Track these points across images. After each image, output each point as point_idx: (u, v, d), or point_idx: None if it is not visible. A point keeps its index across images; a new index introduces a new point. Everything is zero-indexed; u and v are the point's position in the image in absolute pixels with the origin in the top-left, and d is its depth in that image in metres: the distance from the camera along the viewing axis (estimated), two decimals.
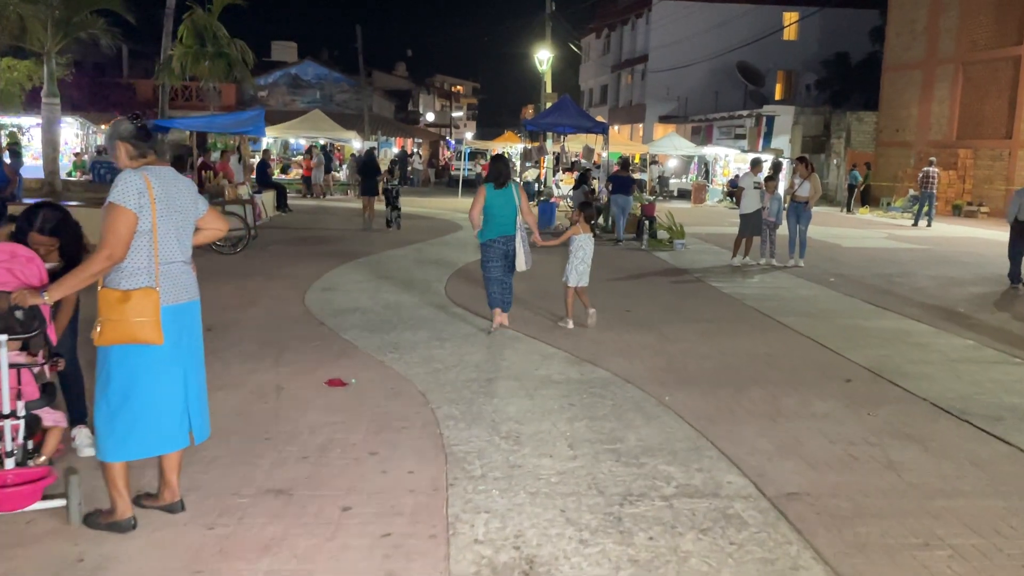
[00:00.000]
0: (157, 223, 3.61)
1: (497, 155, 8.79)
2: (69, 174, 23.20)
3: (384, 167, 19.01)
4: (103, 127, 27.50)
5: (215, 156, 14.92)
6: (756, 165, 13.74)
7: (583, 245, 8.34)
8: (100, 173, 20.32)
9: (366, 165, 17.52)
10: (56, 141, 16.30)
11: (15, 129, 22.74)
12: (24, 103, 22.32)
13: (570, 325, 8.26)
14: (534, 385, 6.15)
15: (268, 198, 18.70)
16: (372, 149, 19.86)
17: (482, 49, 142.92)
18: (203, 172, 14.82)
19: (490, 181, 7.74)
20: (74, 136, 28.69)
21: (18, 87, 19.89)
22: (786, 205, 13.86)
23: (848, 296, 10.74)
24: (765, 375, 6.73)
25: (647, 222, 16.25)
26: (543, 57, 27.36)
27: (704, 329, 8.46)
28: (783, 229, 13.66)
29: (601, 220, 18.33)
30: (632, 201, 16.88)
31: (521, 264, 7.78)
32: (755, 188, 13.42)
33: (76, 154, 27.47)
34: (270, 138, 32.77)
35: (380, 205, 17.33)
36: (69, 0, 15.31)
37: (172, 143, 12.45)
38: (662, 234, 16.00)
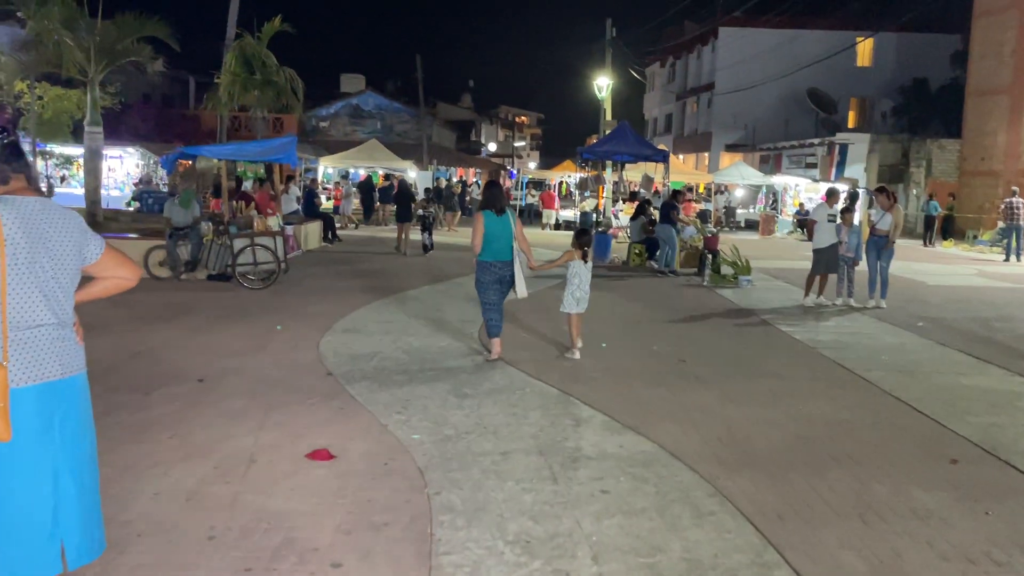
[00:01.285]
0: (6, 272, 2.67)
1: (491, 181, 8.49)
2: (128, 204, 23.14)
3: (418, 194, 18.60)
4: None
5: (246, 185, 14.35)
6: (832, 195, 12.41)
7: (578, 272, 8.10)
8: (148, 203, 20.07)
9: (400, 193, 17.86)
10: (98, 171, 15.95)
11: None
12: (73, 132, 22.37)
13: (576, 355, 8.04)
14: (561, 462, 5.05)
15: (314, 228, 18.08)
16: (405, 178, 19.69)
17: (548, 80, 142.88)
18: (239, 202, 14.22)
19: (487, 208, 7.73)
20: (135, 166, 28.83)
21: (67, 117, 19.79)
22: (865, 239, 12.51)
23: (941, 345, 9.35)
24: (848, 451, 5.49)
25: (709, 256, 15.00)
26: (602, 84, 26.39)
27: (772, 387, 7.22)
28: (862, 266, 12.29)
29: (660, 253, 17.15)
30: (674, 232, 15.68)
31: (521, 290, 7.77)
32: (829, 220, 12.11)
33: (136, 184, 27.54)
34: (331, 168, 32.60)
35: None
36: (111, 27, 14.99)
37: (201, 171, 11.82)
38: (726, 269, 14.72)
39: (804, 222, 25.51)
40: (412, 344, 8.37)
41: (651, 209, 20.25)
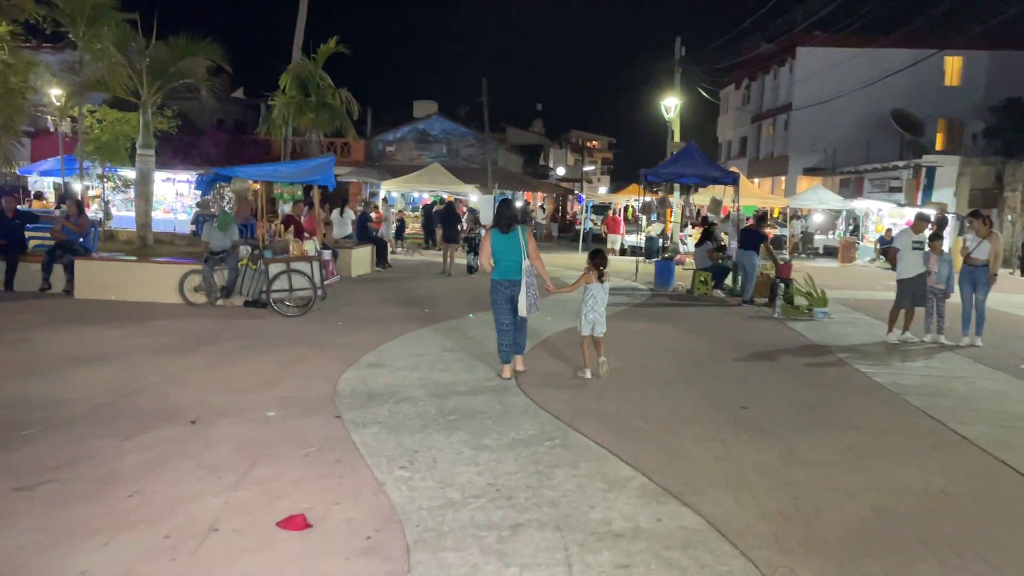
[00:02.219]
0: None
1: (504, 199, 8.24)
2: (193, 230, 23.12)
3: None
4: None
5: (285, 208, 13.92)
6: (921, 221, 11.17)
7: (595, 294, 7.92)
8: (201, 225, 19.90)
9: (447, 215, 18.02)
10: (149, 194, 15.76)
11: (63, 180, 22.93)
12: (133, 156, 22.51)
13: (587, 375, 7.94)
14: (581, 541, 4.14)
15: (365, 253, 17.57)
16: (452, 201, 20.21)
17: (621, 104, 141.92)
18: (289, 226, 13.74)
19: (494, 225, 7.70)
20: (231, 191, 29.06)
21: (126, 140, 19.84)
22: (957, 269, 11.23)
23: None
24: (945, 534, 4.43)
25: (782, 285, 13.82)
26: (670, 104, 25.38)
27: (849, 442, 6.16)
28: (954, 298, 11.01)
29: (729, 281, 16.04)
30: (756, 260, 14.53)
31: (522, 309, 7.60)
32: (915, 248, 10.89)
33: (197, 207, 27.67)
34: (396, 192, 32.35)
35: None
36: (163, 49, 14.82)
37: (236, 192, 11.36)
38: (799, 300, 13.53)
39: (887, 250, 23.94)
40: (439, 381, 7.57)
41: (721, 234, 19.15)
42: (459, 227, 16.84)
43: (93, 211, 25.98)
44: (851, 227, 30.59)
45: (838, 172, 37.51)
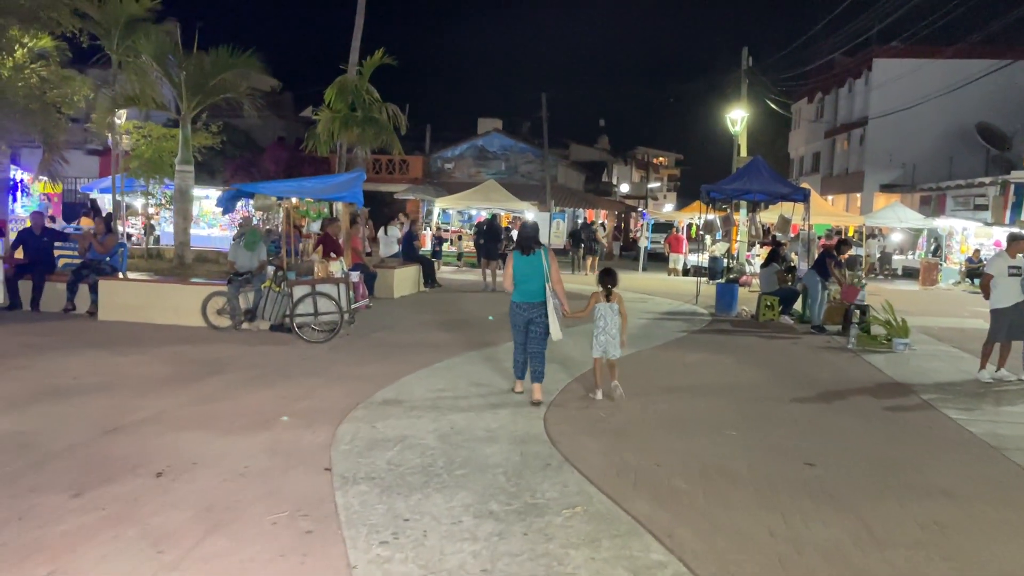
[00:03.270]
0: None
1: (524, 222, 8.16)
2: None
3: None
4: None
5: (314, 226, 13.31)
6: (1015, 242, 9.83)
7: (604, 315, 7.76)
8: None
9: (488, 231, 18.21)
10: (188, 210, 15.34)
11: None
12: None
13: (599, 396, 7.75)
14: None
15: (410, 273, 16.84)
16: (494, 216, 20.32)
17: (688, 120, 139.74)
18: (319, 245, 13.08)
19: (516, 247, 7.68)
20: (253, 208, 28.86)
21: (171, 156, 19.56)
22: None
23: None
24: None
25: (857, 312, 12.52)
26: (736, 117, 24.13)
27: (937, 514, 5.02)
28: None
29: (798, 306, 14.77)
30: (821, 283, 13.31)
31: (555, 332, 7.49)
32: (1012, 274, 9.56)
33: (239, 224, 27.46)
34: (452, 209, 31.80)
35: None
36: (202, 61, 14.41)
37: (259, 208, 10.73)
38: (876, 329, 12.22)
39: (976, 272, 22.17)
40: (455, 424, 6.66)
41: (791, 254, 17.86)
42: (500, 244, 16.89)
43: (133, 228, 26.06)
44: (933, 247, 28.69)
45: (918, 189, 35.49)
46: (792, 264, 17.56)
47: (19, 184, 18.78)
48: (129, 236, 26.77)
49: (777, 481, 5.58)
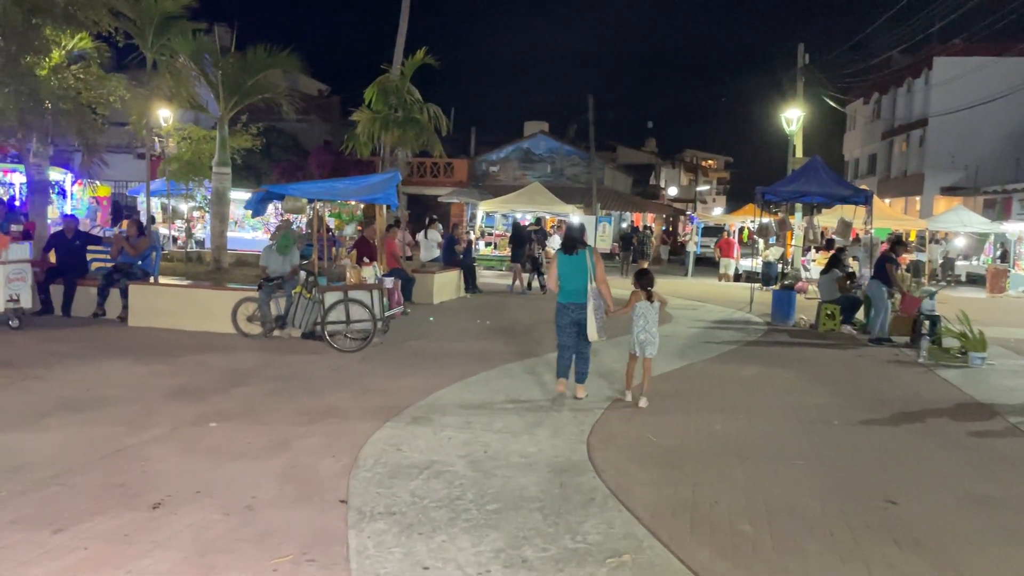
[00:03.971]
0: None
1: (568, 222, 8.46)
2: None
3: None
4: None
5: (348, 230, 12.85)
6: None
7: (644, 313, 7.60)
8: None
9: (514, 235, 18.74)
10: (225, 213, 15.00)
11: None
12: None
13: (628, 397, 7.73)
14: None
15: (451, 278, 16.30)
16: (518, 221, 21.12)
17: (738, 122, 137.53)
18: (354, 249, 12.60)
19: (561, 248, 7.70)
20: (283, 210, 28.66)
21: (210, 158, 19.33)
22: None
23: None
24: None
25: (926, 322, 11.62)
26: (792, 116, 23.13)
27: None
28: None
29: (860, 315, 13.86)
30: (886, 291, 12.44)
31: (592, 333, 7.44)
32: None
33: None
34: (498, 212, 31.24)
35: None
36: (239, 61, 14.06)
37: (289, 211, 10.27)
38: (949, 341, 11.30)
39: None
40: (490, 447, 6.04)
41: (849, 260, 16.92)
42: (526, 248, 17.93)
43: (179, 231, 25.97)
44: (999, 253, 27.26)
45: (981, 192, 33.95)
46: (851, 270, 16.61)
47: (56, 186, 18.66)
48: (174, 239, 26.79)
49: (855, 522, 4.85)
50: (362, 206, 12.12)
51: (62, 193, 19.26)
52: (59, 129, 13.03)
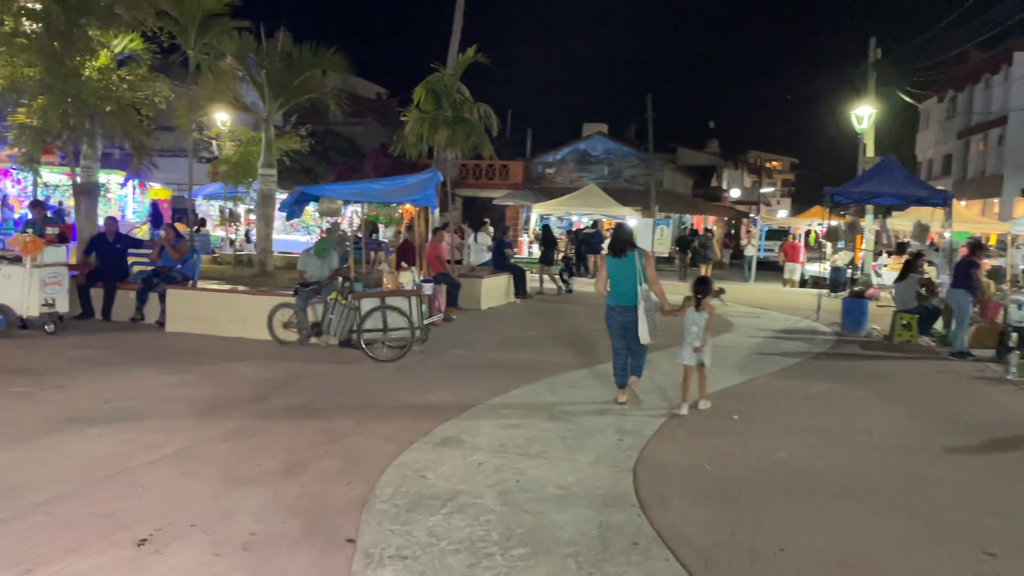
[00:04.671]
0: None
1: (618, 224, 8.17)
2: None
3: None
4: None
5: (387, 233, 12.39)
6: None
7: (695, 320, 7.38)
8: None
9: (544, 238, 18.69)
10: (270, 216, 14.71)
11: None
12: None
13: (684, 411, 7.29)
14: None
15: (500, 283, 15.73)
16: (548, 223, 21.03)
17: (804, 122, 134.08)
18: (404, 253, 12.15)
19: (609, 251, 7.61)
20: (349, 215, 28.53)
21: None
22: None
23: None
24: None
25: (1014, 334, 10.59)
26: (863, 114, 21.95)
27: None
28: None
29: (939, 325, 12.85)
30: (970, 299, 11.41)
31: (644, 336, 7.32)
32: None
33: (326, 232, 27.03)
34: (554, 215, 30.62)
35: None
36: (284, 60, 13.75)
37: (324, 213, 9.81)
38: None
39: None
40: (525, 475, 5.43)
41: (925, 265, 15.83)
42: (554, 251, 18.25)
43: (236, 233, 25.97)
44: None
45: None
46: (927, 276, 15.51)
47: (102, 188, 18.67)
48: (232, 242, 26.84)
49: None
50: (405, 208, 11.72)
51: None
52: (104, 131, 12.83)
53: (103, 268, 11.58)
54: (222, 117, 19.16)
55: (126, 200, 29.47)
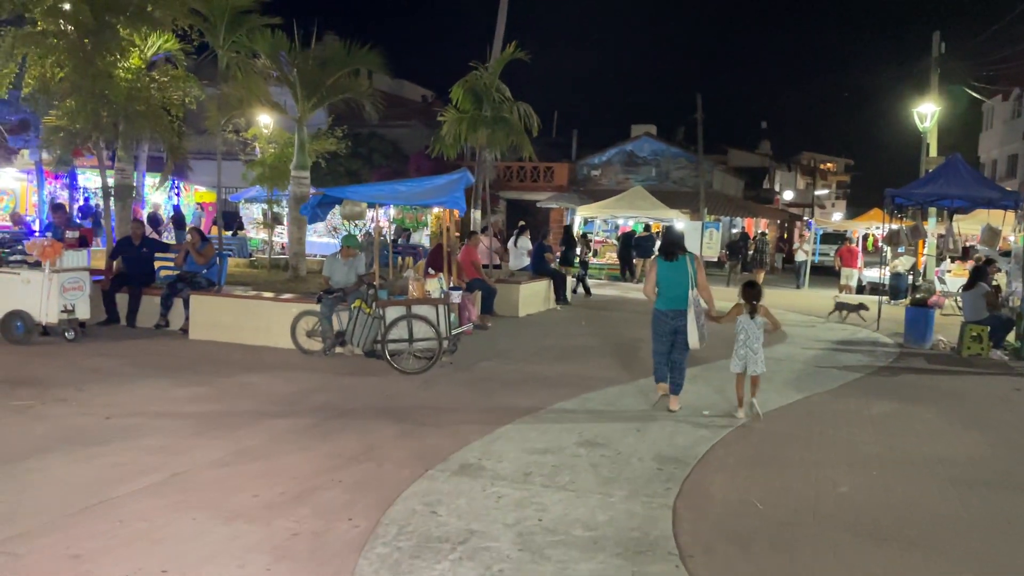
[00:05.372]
0: None
1: (669, 227, 8.13)
2: None
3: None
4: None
5: (418, 238, 11.84)
6: None
7: (745, 328, 7.22)
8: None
9: (566, 239, 18.06)
10: (303, 220, 14.29)
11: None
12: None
13: (740, 415, 7.18)
14: None
15: (539, 289, 15.12)
16: (570, 224, 20.88)
17: (860, 122, 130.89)
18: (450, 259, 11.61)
19: (660, 254, 7.47)
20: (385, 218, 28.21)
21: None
22: None
23: None
24: None
25: None
26: (925, 111, 20.80)
27: None
28: None
29: (1012, 338, 11.86)
30: None
31: (694, 342, 7.20)
32: None
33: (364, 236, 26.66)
34: (598, 218, 29.89)
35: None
36: (316, 58, 13.33)
37: (346, 216, 9.32)
38: None
39: None
40: (547, 513, 4.81)
41: (998, 272, 14.79)
42: (574, 252, 17.39)
43: (280, 236, 25.75)
44: None
45: None
46: (997, 284, 14.46)
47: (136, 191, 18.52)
48: (272, 245, 26.68)
49: None
50: (433, 211, 11.20)
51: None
52: (134, 132, 12.56)
53: (128, 273, 11.27)
54: (264, 120, 18.94)
55: (169, 202, 29.59)
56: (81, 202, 25.88)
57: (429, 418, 6.97)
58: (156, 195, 25.01)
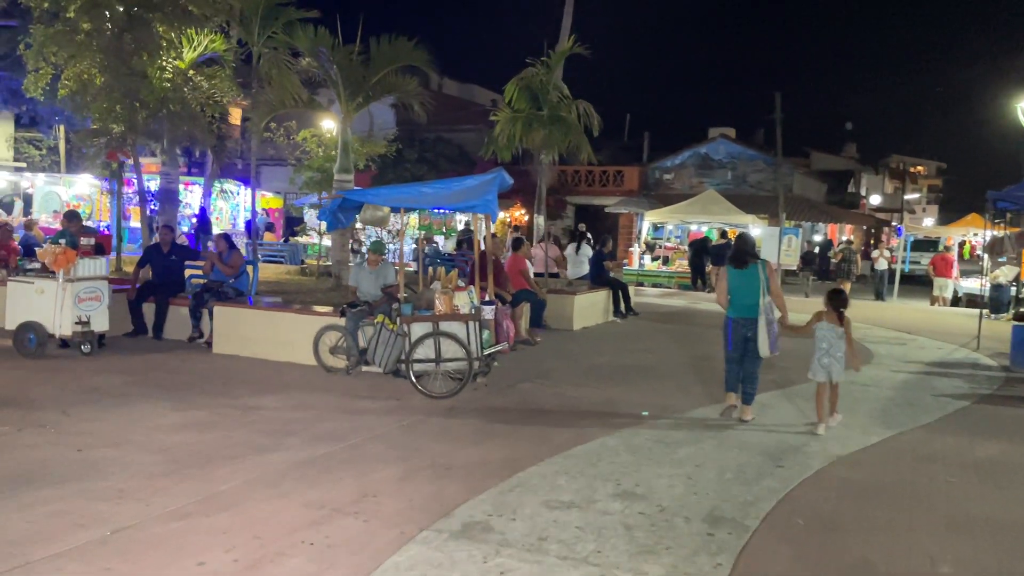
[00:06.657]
0: None
1: (740, 234, 8.04)
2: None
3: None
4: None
5: (448, 244, 10.88)
6: None
7: (826, 336, 6.95)
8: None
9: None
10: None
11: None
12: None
13: (821, 430, 6.88)
14: None
15: (596, 300, 14.03)
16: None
17: (952, 124, 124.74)
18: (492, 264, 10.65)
19: (731, 262, 7.34)
20: (462, 224, 27.54)
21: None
22: None
23: None
24: None
25: None
26: None
27: None
28: None
29: None
30: None
31: (764, 350, 7.03)
32: None
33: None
34: (671, 224, 28.59)
35: None
36: (360, 54, 12.59)
37: (367, 221, 8.45)
38: None
39: None
40: None
41: None
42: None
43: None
44: None
45: None
46: None
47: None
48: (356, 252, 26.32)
49: None
50: (472, 217, 10.34)
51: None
52: (169, 133, 12.04)
53: (156, 282, 10.70)
54: (327, 125, 18.42)
55: (238, 209, 29.50)
56: (197, 210, 25.33)
57: (442, 456, 6.00)
58: (190, 197, 24.42)
